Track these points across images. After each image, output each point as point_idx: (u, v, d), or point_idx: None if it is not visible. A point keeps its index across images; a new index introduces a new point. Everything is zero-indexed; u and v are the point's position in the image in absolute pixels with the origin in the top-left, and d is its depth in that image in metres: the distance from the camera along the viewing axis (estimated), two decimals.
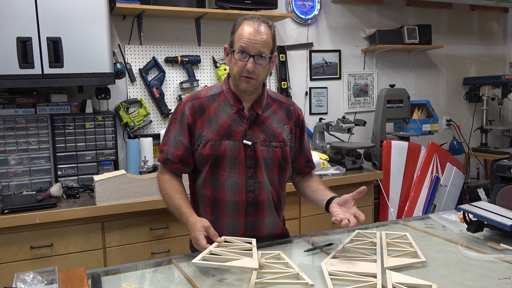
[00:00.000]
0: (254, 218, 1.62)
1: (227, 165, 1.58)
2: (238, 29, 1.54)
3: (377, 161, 3.27)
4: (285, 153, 1.65)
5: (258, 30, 1.51)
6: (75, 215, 2.19)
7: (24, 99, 2.57)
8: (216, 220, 1.61)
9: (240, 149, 1.58)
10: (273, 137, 1.63)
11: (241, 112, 1.61)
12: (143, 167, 2.71)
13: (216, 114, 1.60)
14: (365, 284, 1.23)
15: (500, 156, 3.43)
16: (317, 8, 3.46)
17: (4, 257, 2.11)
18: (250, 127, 1.61)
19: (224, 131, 1.58)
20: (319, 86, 3.57)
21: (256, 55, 1.51)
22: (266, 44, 1.53)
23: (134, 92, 2.94)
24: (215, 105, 1.62)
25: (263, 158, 1.60)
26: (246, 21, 1.54)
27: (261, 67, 1.54)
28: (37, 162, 2.60)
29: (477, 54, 4.31)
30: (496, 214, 1.61)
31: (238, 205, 1.60)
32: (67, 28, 2.34)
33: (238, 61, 1.52)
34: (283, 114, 1.69)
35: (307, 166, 1.79)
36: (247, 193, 1.60)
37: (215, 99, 1.63)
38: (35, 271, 1.30)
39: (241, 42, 1.51)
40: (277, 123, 1.66)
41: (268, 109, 1.66)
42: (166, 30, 3.02)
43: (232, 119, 1.60)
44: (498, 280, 1.28)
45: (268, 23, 1.55)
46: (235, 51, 1.52)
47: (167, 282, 1.35)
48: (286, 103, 1.73)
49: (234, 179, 1.59)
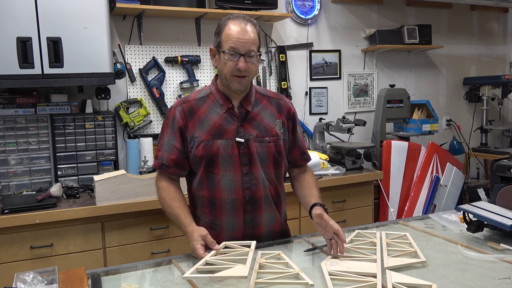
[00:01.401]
0: (253, 215, 1.63)
1: (222, 164, 1.59)
2: (224, 29, 1.55)
3: (377, 161, 3.27)
4: (279, 147, 1.66)
5: (245, 29, 1.53)
6: (75, 215, 2.19)
7: (24, 99, 2.57)
8: (214, 220, 1.62)
9: (233, 147, 1.59)
10: (265, 132, 1.64)
11: (231, 111, 1.62)
12: (143, 167, 2.71)
13: (206, 115, 1.62)
14: (365, 284, 1.23)
15: (500, 156, 3.43)
16: (317, 8, 3.46)
17: (4, 257, 2.11)
18: (241, 124, 1.62)
19: (215, 131, 1.59)
20: (319, 86, 3.57)
21: (246, 54, 1.53)
22: (254, 42, 1.55)
23: (134, 92, 2.94)
24: (205, 107, 1.63)
25: (257, 154, 1.61)
26: (231, 21, 1.55)
27: (252, 65, 1.56)
28: (37, 162, 2.60)
29: (477, 54, 4.31)
30: (496, 214, 1.61)
31: (235, 203, 1.60)
32: (67, 28, 2.34)
33: (228, 61, 1.54)
34: (273, 109, 1.70)
35: (302, 158, 1.79)
36: (243, 190, 1.60)
37: (204, 101, 1.65)
38: (35, 271, 1.30)
39: (230, 43, 1.52)
40: (269, 118, 1.67)
41: (258, 105, 1.67)
42: (166, 30, 3.02)
43: (223, 118, 1.61)
44: (498, 280, 1.28)
45: (252, 21, 1.58)
46: (224, 51, 1.53)
47: (167, 282, 1.35)
48: (276, 98, 1.74)
49: (230, 178, 1.60)
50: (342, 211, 2.90)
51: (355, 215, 2.92)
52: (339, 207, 2.89)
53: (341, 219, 2.87)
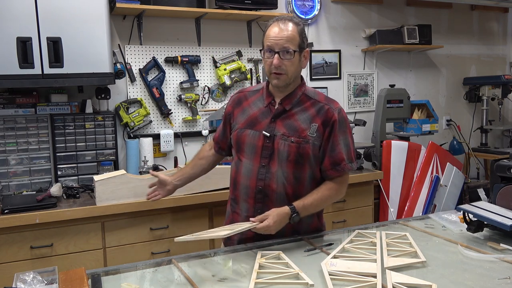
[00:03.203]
0: (263, 205, 1.67)
1: (246, 152, 1.71)
2: (267, 30, 1.65)
3: (377, 161, 3.27)
4: (303, 149, 1.65)
5: (283, 28, 1.61)
6: (75, 215, 2.19)
7: (24, 99, 2.57)
8: (234, 199, 1.78)
9: (259, 139, 1.68)
10: (293, 132, 1.66)
11: (271, 106, 1.71)
12: (143, 167, 2.71)
13: (250, 106, 1.76)
14: (365, 284, 1.23)
15: (500, 156, 3.43)
16: (317, 8, 3.46)
17: (4, 257, 2.11)
18: (274, 120, 1.68)
19: (250, 121, 1.72)
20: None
21: (281, 51, 1.59)
22: (290, 39, 1.60)
23: (134, 92, 2.94)
24: (253, 98, 1.78)
25: (279, 151, 1.65)
26: (275, 22, 1.65)
27: (288, 61, 1.61)
28: (37, 162, 2.60)
29: (477, 54, 4.31)
30: (496, 214, 1.61)
31: (248, 190, 1.70)
32: (67, 28, 2.34)
33: (266, 59, 1.64)
34: (313, 112, 1.68)
35: (333, 169, 1.69)
36: (257, 180, 1.68)
37: (254, 94, 1.79)
38: (35, 271, 1.30)
39: (267, 42, 1.62)
40: (304, 119, 1.68)
41: (299, 106, 1.70)
42: (166, 30, 3.02)
43: (261, 111, 1.72)
44: (498, 280, 1.28)
45: (294, 20, 1.65)
46: (264, 50, 1.64)
47: (167, 282, 1.35)
48: (322, 102, 1.71)
49: (249, 166, 1.70)
50: (342, 211, 2.90)
51: (355, 215, 2.92)
52: (339, 207, 2.89)
53: (341, 219, 2.87)
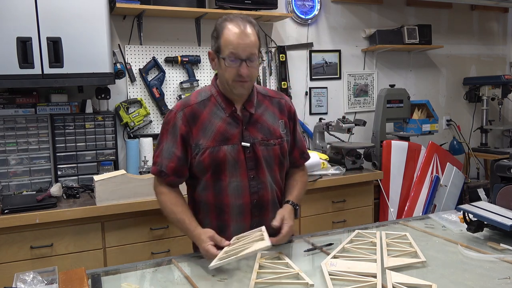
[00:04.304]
0: (260, 219, 1.61)
1: (229, 170, 1.56)
2: (223, 32, 1.49)
3: (377, 161, 3.27)
4: (283, 149, 1.66)
5: (245, 32, 1.47)
6: (75, 215, 2.19)
7: (24, 99, 2.57)
8: (223, 225, 1.60)
9: (239, 152, 1.56)
10: (270, 134, 1.62)
11: (235, 114, 1.58)
12: (143, 167, 2.71)
13: (209, 120, 1.57)
14: (365, 284, 1.23)
15: (500, 156, 3.43)
16: (317, 8, 3.46)
17: (4, 257, 2.11)
18: (246, 128, 1.59)
19: (220, 136, 1.55)
20: (319, 86, 3.57)
21: (247, 58, 1.48)
22: (255, 45, 1.50)
23: (134, 92, 2.94)
24: (207, 111, 1.58)
25: (263, 158, 1.60)
26: (229, 23, 1.49)
27: (254, 69, 1.52)
28: (37, 162, 2.60)
29: (477, 54, 4.31)
30: (496, 214, 1.61)
31: (243, 208, 1.59)
32: (67, 28, 2.34)
33: (229, 67, 1.49)
34: (275, 109, 1.68)
35: (302, 158, 1.79)
36: (251, 195, 1.59)
37: (206, 105, 1.59)
38: (35, 271, 1.31)
39: (230, 48, 1.46)
40: (272, 119, 1.65)
41: (260, 106, 1.65)
42: (166, 30, 3.02)
43: (227, 122, 1.57)
44: (498, 280, 1.28)
45: (251, 21, 1.51)
46: (225, 58, 1.48)
47: (167, 282, 1.35)
48: (277, 97, 1.72)
49: (237, 183, 1.57)
50: (342, 211, 2.90)
51: (355, 215, 2.92)
52: (339, 207, 2.89)
53: (341, 219, 2.87)
